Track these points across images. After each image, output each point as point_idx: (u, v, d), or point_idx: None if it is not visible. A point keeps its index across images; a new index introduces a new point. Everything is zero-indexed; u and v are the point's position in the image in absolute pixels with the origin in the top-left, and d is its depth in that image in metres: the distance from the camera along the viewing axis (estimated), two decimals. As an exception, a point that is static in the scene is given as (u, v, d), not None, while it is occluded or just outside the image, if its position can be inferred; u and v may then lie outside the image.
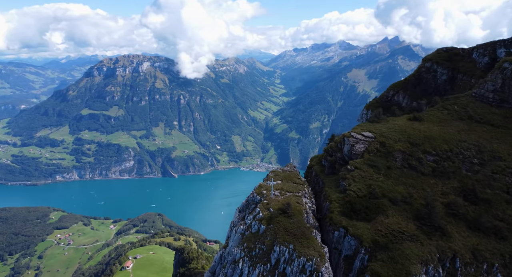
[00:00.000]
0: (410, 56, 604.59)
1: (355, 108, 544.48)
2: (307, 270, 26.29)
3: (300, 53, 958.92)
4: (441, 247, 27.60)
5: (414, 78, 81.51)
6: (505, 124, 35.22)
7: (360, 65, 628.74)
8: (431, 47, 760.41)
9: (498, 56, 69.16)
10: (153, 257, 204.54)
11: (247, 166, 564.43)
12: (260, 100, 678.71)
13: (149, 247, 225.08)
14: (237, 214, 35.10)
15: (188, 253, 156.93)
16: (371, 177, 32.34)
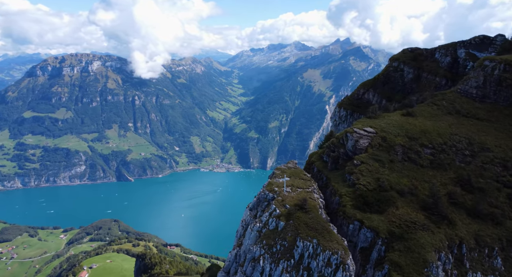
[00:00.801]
0: (361, 57, 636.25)
1: (312, 107, 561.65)
2: (333, 263, 26.70)
3: (257, 53, 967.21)
4: (449, 235, 29.46)
5: (383, 76, 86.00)
6: (488, 118, 38.60)
7: (315, 66, 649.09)
8: (379, 48, 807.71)
9: (458, 56, 75.27)
10: (111, 266, 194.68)
11: (206, 167, 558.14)
12: (219, 100, 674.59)
13: (106, 255, 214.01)
14: (248, 212, 34.68)
15: (150, 259, 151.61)
16: (377, 171, 33.65)
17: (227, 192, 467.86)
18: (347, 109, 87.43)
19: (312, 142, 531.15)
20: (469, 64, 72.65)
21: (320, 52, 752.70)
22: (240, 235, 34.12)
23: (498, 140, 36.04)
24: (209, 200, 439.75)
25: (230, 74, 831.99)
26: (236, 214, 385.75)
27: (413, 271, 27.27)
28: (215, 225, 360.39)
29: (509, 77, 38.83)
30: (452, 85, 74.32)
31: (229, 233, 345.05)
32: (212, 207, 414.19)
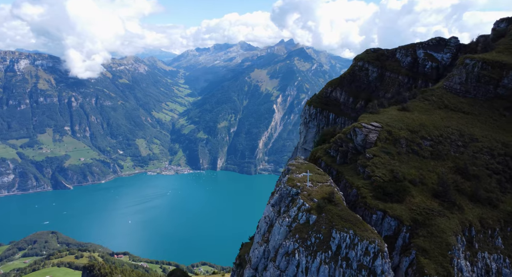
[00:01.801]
0: (305, 58, 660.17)
1: (260, 107, 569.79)
2: (371, 252, 27.62)
3: (203, 53, 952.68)
4: (460, 219, 32.16)
5: (349, 75, 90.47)
6: (472, 111, 42.80)
7: (261, 66, 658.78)
8: (321, 49, 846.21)
9: (418, 56, 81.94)
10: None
11: (154, 170, 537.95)
12: (165, 101, 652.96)
13: (45, 270, 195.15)
14: (271, 209, 34.36)
15: (99, 270, 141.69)
16: (389, 163, 35.45)
17: (177, 195, 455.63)
18: (317, 107, 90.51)
19: (261, 141, 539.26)
20: (428, 63, 79.57)
21: (266, 53, 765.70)
22: (264, 231, 33.78)
23: (483, 131, 40.18)
24: (158, 204, 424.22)
25: (176, 74, 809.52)
26: (189, 216, 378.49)
27: (438, 254, 29.27)
28: (166, 229, 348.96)
29: (486, 74, 43.51)
30: (413, 83, 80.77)
31: (182, 237, 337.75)
32: (162, 211, 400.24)
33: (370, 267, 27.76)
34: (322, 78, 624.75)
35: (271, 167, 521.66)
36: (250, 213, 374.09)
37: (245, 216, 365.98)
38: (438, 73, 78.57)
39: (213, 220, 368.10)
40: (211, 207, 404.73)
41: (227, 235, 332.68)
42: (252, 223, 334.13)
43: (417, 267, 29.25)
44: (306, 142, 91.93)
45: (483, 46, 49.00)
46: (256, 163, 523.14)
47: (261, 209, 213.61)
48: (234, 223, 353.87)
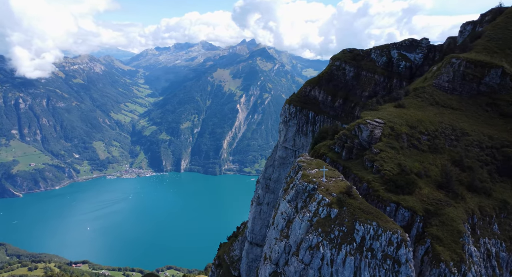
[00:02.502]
0: (267, 58, 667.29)
1: (223, 107, 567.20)
2: (394, 242, 28.64)
3: (163, 52, 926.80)
4: (464, 208, 34.36)
5: (327, 74, 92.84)
6: (459, 107, 45.86)
7: (224, 65, 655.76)
8: (283, 49, 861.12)
9: (392, 56, 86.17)
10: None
11: (114, 173, 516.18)
12: (124, 102, 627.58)
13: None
14: (288, 205, 34.36)
15: None
16: (395, 157, 36.94)
17: (140, 198, 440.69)
18: (297, 105, 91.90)
19: (226, 141, 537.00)
20: (402, 63, 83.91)
21: (228, 52, 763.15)
22: (282, 227, 33.85)
23: (471, 126, 43.22)
24: (120, 209, 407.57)
25: (135, 73, 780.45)
26: (153, 220, 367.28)
27: (451, 241, 31.04)
28: (129, 235, 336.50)
29: (470, 73, 46.84)
30: (388, 82, 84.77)
31: (146, 241, 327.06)
32: (123, 216, 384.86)
33: (394, 256, 28.80)
34: (284, 78, 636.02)
35: (236, 167, 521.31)
36: (216, 213, 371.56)
37: (212, 217, 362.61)
38: (411, 73, 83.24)
39: (179, 222, 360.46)
40: (176, 209, 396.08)
41: (193, 237, 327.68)
42: (220, 223, 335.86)
43: (433, 254, 30.80)
44: (286, 140, 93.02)
45: (462, 47, 52.68)
46: (220, 164, 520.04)
47: (228, 209, 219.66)
48: (201, 225, 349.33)
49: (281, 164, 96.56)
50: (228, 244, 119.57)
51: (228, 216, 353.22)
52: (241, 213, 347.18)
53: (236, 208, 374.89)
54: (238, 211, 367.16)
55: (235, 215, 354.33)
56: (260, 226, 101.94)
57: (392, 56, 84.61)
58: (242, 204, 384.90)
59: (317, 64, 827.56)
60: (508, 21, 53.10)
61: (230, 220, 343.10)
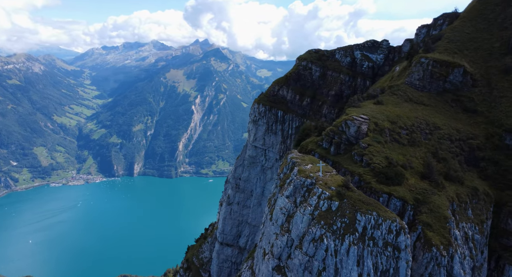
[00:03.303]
0: (221, 58, 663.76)
1: (178, 108, 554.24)
2: (394, 230, 30.22)
3: (111, 51, 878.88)
4: (446, 196, 37.20)
5: (294, 74, 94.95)
6: (430, 103, 49.42)
7: (177, 66, 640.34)
8: (236, 50, 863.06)
9: (356, 57, 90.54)
10: None
11: (59, 181, 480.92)
12: (68, 104, 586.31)
13: None
14: (286, 200, 34.60)
15: None
16: (382, 151, 38.86)
17: (90, 206, 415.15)
18: (265, 105, 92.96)
19: (181, 143, 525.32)
20: (365, 63, 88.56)
21: (181, 52, 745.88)
22: (282, 222, 34.07)
23: (442, 120, 46.88)
24: (67, 218, 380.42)
25: (80, 74, 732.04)
26: (105, 228, 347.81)
27: (440, 227, 33.48)
28: (79, 245, 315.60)
29: (437, 71, 50.76)
30: (353, 81, 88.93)
31: (99, 251, 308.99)
32: (72, 226, 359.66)
33: (394, 243, 30.42)
34: (239, 79, 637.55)
35: (192, 169, 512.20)
36: (175, 218, 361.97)
37: (170, 222, 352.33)
38: (374, 72, 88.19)
39: (134, 229, 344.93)
40: (130, 215, 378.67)
41: (151, 244, 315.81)
42: (180, 227, 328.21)
43: (425, 240, 32.98)
44: (256, 139, 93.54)
45: (425, 48, 56.92)
46: (176, 166, 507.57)
47: (187, 212, 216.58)
48: (159, 231, 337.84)
49: (251, 163, 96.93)
50: (197, 247, 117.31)
51: (188, 220, 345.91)
52: (201, 215, 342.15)
53: (196, 210, 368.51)
54: (198, 213, 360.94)
55: (195, 218, 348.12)
56: (230, 226, 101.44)
57: (355, 57, 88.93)
58: (201, 206, 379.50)
59: (271, 65, 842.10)
60: (464, 25, 58.43)
61: (190, 223, 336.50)
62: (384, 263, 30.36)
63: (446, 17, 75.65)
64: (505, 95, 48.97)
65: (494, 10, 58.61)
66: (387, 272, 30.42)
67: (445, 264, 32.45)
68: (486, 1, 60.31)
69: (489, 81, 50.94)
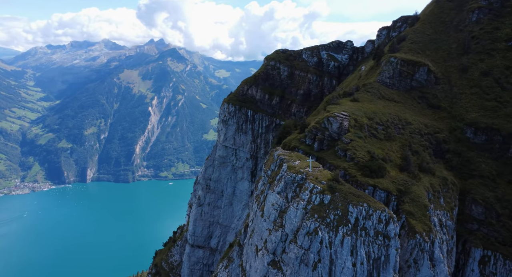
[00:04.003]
0: (178, 58, 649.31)
1: (134, 110, 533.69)
2: (383, 220, 31.68)
3: (57, 50, 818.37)
4: (423, 186, 39.77)
5: (263, 74, 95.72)
6: (400, 100, 52.34)
7: (132, 66, 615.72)
8: (194, 50, 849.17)
9: (322, 57, 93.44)
10: None
11: (0, 190, 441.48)
12: (9, 107, 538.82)
13: None
14: (278, 196, 34.82)
15: None
16: (364, 146, 40.47)
17: (37, 216, 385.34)
18: (235, 104, 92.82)
19: (138, 146, 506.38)
20: (331, 63, 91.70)
21: (135, 52, 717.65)
22: (275, 218, 34.30)
23: (412, 116, 50.02)
24: (10, 231, 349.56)
25: (22, 74, 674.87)
26: (56, 239, 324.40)
27: (421, 215, 35.74)
28: (26, 259, 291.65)
29: (405, 70, 54.02)
30: (320, 80, 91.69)
31: (49, 263, 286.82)
32: (16, 238, 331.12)
33: (384, 232, 31.96)
34: (197, 79, 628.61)
35: (151, 173, 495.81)
36: (134, 224, 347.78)
37: (129, 227, 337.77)
38: (339, 72, 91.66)
39: (90, 238, 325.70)
40: (85, 224, 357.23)
41: (109, 252, 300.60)
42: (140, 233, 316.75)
43: (409, 228, 35.03)
44: (226, 139, 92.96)
45: (391, 48, 60.36)
46: (134, 170, 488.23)
47: (148, 217, 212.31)
48: (117, 238, 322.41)
49: (222, 163, 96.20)
50: (165, 251, 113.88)
51: (150, 225, 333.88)
52: (164, 219, 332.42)
53: (158, 214, 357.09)
54: (160, 217, 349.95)
55: (158, 222, 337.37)
56: (202, 228, 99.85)
57: (322, 57, 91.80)
58: (163, 210, 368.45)
59: (229, 65, 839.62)
60: (425, 27, 62.82)
61: (153, 228, 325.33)
62: (376, 252, 31.79)
63: (405, 20, 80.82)
64: (464, 92, 53.46)
65: (449, 14, 63.76)
66: (378, 260, 31.89)
67: (427, 249, 34.71)
68: (442, 5, 65.42)
69: (449, 79, 55.28)
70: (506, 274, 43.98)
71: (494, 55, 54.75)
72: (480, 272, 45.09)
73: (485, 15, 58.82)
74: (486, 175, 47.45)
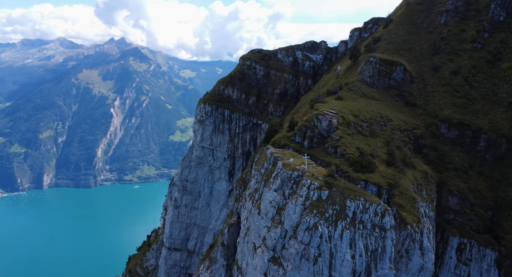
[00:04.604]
0: (141, 58, 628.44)
1: (94, 111, 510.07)
2: (379, 213, 32.86)
3: (7, 49, 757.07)
4: (409, 180, 41.69)
5: (239, 74, 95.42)
6: (380, 98, 54.33)
7: (91, 66, 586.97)
8: (157, 50, 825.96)
9: (297, 57, 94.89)
10: None
11: None
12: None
13: None
14: (275, 194, 34.89)
15: None
16: (353, 142, 41.58)
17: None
18: (212, 104, 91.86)
19: (100, 149, 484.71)
20: (306, 63, 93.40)
21: (94, 51, 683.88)
22: (273, 215, 34.45)
23: (392, 113, 52.22)
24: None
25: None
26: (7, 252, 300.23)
27: (410, 207, 37.50)
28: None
29: (384, 69, 56.29)
30: (296, 80, 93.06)
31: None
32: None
33: (380, 224, 33.15)
34: (162, 79, 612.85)
35: (114, 176, 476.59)
36: (99, 229, 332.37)
37: (93, 235, 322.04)
38: (314, 71, 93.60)
39: (49, 248, 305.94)
40: (43, 233, 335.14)
41: (72, 261, 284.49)
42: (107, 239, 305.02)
43: (400, 220, 36.59)
44: (203, 139, 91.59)
45: (368, 48, 62.72)
46: (95, 174, 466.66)
47: (112, 223, 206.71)
48: (80, 246, 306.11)
49: (199, 164, 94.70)
50: (140, 255, 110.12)
51: (116, 230, 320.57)
52: (132, 224, 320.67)
53: (124, 219, 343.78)
54: (127, 222, 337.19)
55: (124, 227, 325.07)
56: (178, 230, 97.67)
57: (297, 57, 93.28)
58: (130, 215, 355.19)
59: (194, 65, 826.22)
60: (398, 28, 65.91)
61: (120, 234, 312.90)
62: (373, 243, 32.91)
63: (376, 21, 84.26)
64: (437, 90, 56.76)
65: (420, 16, 67.43)
66: (376, 251, 33.03)
67: (418, 239, 36.48)
68: (412, 8, 69.04)
69: (423, 77, 58.44)
70: (480, 259, 47.20)
71: (461, 55, 58.69)
72: (457, 259, 48.05)
73: (452, 18, 62.90)
74: (460, 167, 50.68)
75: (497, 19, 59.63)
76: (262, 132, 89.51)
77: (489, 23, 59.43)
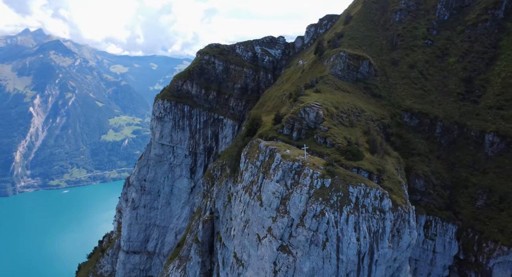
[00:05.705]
0: (64, 52, 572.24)
1: (10, 111, 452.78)
2: (378, 196, 34.78)
3: None
4: (391, 164, 44.71)
5: (197, 68, 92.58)
6: (352, 91, 56.90)
7: (2, 60, 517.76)
8: (83, 43, 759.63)
9: (256, 52, 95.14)
10: None
11: None
12: None
13: None
14: (278, 185, 34.79)
15: None
16: (340, 133, 43.06)
17: None
18: (171, 100, 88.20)
19: (18, 152, 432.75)
20: (266, 58, 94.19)
21: (5, 44, 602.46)
22: (277, 205, 34.55)
23: (363, 105, 55.27)
24: None
25: None
26: None
27: (398, 190, 40.24)
28: None
29: (352, 64, 59.18)
30: (256, 74, 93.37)
31: None
32: None
33: (379, 207, 35.16)
34: (90, 75, 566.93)
35: (38, 182, 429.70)
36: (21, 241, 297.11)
37: (15, 248, 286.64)
38: (274, 66, 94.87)
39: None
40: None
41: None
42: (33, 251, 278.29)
43: (392, 202, 39.06)
44: (162, 137, 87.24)
45: (332, 44, 65.49)
46: (14, 181, 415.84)
47: (39, 232, 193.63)
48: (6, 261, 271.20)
49: (158, 162, 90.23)
50: (92, 262, 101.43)
51: (45, 241, 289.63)
52: (62, 233, 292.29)
53: (54, 228, 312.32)
54: (56, 231, 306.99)
55: (53, 237, 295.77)
56: (137, 232, 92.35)
57: (256, 52, 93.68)
58: (60, 223, 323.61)
59: (126, 60, 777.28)
60: (359, 25, 69.89)
61: (48, 245, 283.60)
62: (374, 225, 34.79)
63: (330, 18, 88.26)
64: (398, 82, 61.64)
65: (376, 14, 72.30)
66: (377, 232, 34.98)
67: (407, 219, 39.45)
68: (369, 6, 73.73)
69: (385, 71, 62.96)
70: (443, 233, 52.82)
71: (416, 50, 64.51)
72: (425, 235, 53.21)
73: (405, 16, 68.71)
74: (422, 153, 55.96)
75: (443, 18, 66.74)
76: (224, 127, 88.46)
77: (436, 22, 66.22)
